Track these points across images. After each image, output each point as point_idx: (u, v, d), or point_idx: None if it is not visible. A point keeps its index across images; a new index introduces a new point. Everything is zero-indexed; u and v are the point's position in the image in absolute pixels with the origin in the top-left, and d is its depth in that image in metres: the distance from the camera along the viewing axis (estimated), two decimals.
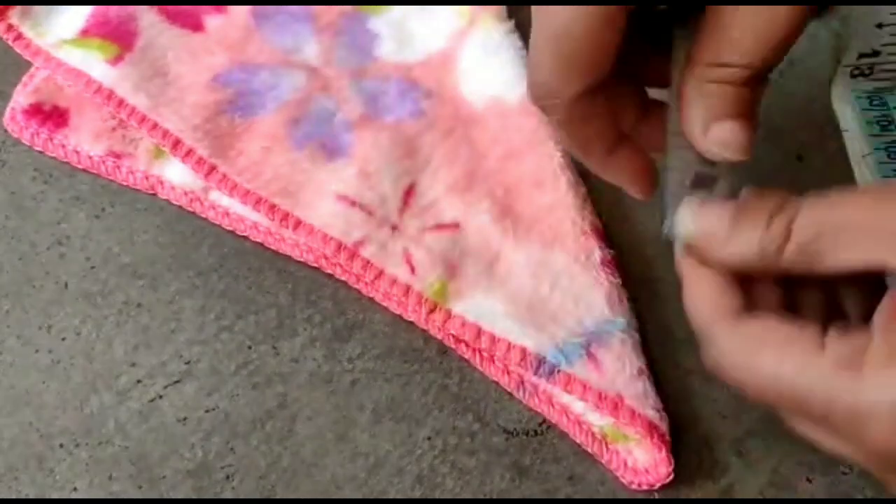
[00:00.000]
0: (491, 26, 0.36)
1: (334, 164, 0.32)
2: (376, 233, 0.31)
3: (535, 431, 0.30)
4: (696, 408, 0.30)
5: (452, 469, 0.29)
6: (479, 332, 0.29)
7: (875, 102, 0.35)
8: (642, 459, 0.28)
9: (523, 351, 0.29)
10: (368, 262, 0.30)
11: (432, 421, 0.30)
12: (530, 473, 0.29)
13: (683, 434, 0.29)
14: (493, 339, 0.29)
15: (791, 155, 0.35)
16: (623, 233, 0.33)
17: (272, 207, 0.31)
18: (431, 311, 0.30)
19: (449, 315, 0.30)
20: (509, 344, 0.29)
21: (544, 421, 0.30)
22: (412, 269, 0.30)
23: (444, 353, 0.31)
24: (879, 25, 0.33)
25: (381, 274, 0.30)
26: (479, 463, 0.29)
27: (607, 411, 0.28)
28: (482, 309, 0.30)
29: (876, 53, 0.35)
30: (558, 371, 0.29)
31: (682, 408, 0.30)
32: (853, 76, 0.35)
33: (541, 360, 0.29)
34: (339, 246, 0.30)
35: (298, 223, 0.31)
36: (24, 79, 0.35)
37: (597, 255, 0.31)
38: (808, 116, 0.35)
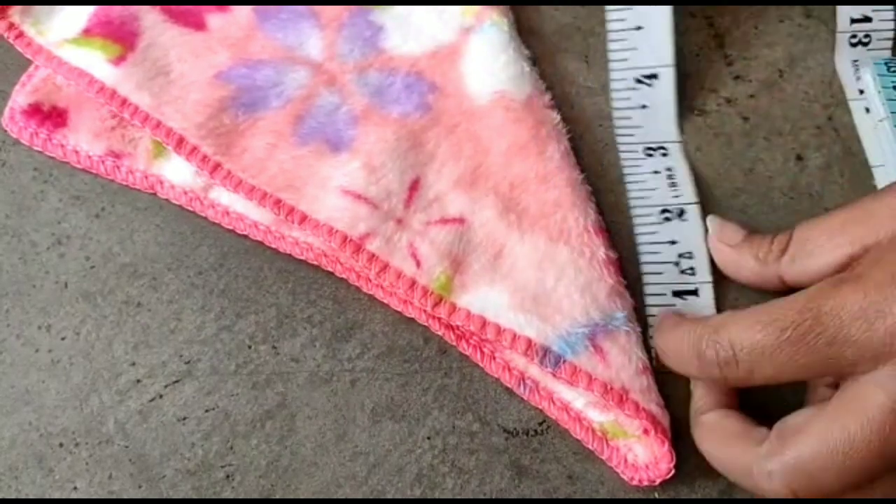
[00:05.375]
0: (497, 23, 0.36)
1: (339, 158, 0.32)
2: (382, 226, 0.31)
3: (535, 431, 0.30)
4: None
5: (452, 469, 0.29)
6: (483, 323, 0.29)
7: (892, 69, 0.35)
8: (643, 456, 0.28)
9: (528, 341, 0.29)
10: (374, 255, 0.30)
11: (432, 421, 0.30)
12: (530, 473, 0.29)
13: (683, 434, 0.29)
14: (499, 330, 0.29)
15: (791, 155, 0.35)
16: (622, 236, 0.33)
17: (277, 202, 0.31)
18: (436, 304, 0.30)
19: (454, 308, 0.30)
20: (514, 334, 0.29)
21: (544, 421, 0.30)
22: (417, 263, 0.30)
23: (443, 353, 0.31)
24: None
25: (386, 267, 0.30)
26: (479, 463, 0.29)
27: (613, 402, 0.28)
28: (487, 301, 0.30)
29: (868, 19, 0.35)
30: (564, 361, 0.28)
31: (682, 408, 0.30)
32: (852, 45, 0.36)
33: (546, 350, 0.29)
34: (345, 239, 0.30)
35: (304, 217, 0.31)
36: (23, 78, 0.35)
37: (601, 253, 0.31)
38: (808, 116, 0.35)
